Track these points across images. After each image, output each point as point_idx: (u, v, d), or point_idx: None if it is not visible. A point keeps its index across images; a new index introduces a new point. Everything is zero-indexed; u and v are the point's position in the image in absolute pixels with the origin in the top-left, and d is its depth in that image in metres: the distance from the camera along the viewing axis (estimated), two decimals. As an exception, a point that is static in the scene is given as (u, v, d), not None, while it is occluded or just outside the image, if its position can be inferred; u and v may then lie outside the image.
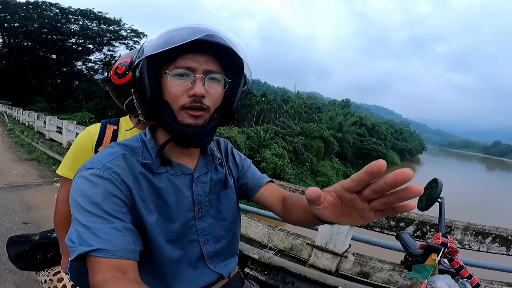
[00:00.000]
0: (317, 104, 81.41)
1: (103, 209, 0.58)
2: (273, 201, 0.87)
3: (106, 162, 0.64)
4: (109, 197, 0.60)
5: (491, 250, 1.89)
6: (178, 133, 0.68)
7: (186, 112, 0.67)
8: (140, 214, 0.66)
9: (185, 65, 0.66)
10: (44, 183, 5.31)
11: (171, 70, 0.66)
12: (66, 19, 37.85)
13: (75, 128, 7.21)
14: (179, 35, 0.63)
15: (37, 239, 1.33)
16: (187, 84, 0.66)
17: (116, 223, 0.58)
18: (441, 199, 0.87)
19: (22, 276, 2.35)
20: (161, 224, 0.69)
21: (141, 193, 0.67)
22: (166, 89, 0.67)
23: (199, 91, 0.66)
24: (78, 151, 1.17)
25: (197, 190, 0.76)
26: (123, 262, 0.56)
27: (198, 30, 0.63)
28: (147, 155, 0.71)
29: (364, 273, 2.19)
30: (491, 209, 31.12)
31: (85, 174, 0.62)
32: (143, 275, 0.63)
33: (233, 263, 0.88)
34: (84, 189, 0.60)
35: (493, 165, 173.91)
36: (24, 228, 3.29)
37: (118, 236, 0.57)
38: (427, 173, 55.84)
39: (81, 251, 0.54)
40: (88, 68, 42.87)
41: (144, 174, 0.69)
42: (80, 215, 0.58)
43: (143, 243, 0.65)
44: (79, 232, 0.56)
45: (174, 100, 0.67)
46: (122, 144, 0.71)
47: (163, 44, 0.63)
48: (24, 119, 14.77)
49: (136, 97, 0.72)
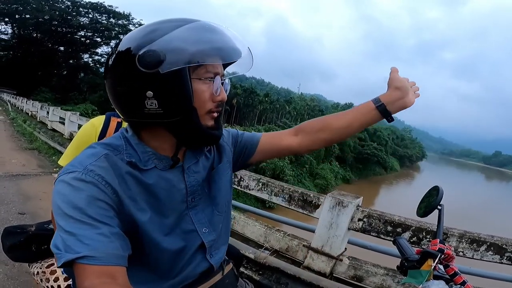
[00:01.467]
0: (320, 107, 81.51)
1: (87, 214, 0.56)
2: (282, 142, 0.90)
3: (87, 165, 0.61)
4: (94, 201, 0.58)
5: (485, 258, 1.90)
6: (207, 137, 0.70)
7: (210, 115, 0.68)
8: (130, 214, 0.64)
9: (215, 71, 0.66)
10: (43, 173, 5.32)
11: (202, 75, 0.64)
12: (76, 12, 38.07)
13: (78, 119, 7.24)
14: (229, 46, 0.65)
15: (33, 230, 1.31)
16: (215, 90, 0.66)
17: (102, 229, 0.56)
18: (441, 206, 0.87)
19: (14, 267, 2.33)
20: (156, 220, 0.68)
21: (130, 193, 0.65)
22: (196, 94, 0.64)
23: (225, 97, 0.69)
24: (81, 142, 1.17)
25: (190, 181, 0.75)
26: (112, 268, 0.55)
27: (236, 39, 0.66)
28: (132, 153, 0.68)
29: (358, 277, 2.19)
30: (485, 218, 31.11)
31: (66, 179, 0.59)
32: (138, 272, 0.63)
33: (224, 250, 0.86)
34: (66, 194, 0.58)
35: (492, 175, 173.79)
36: (20, 219, 3.28)
37: (105, 242, 0.55)
38: (425, 181, 55.82)
39: (67, 258, 0.53)
40: (95, 61, 43.10)
41: (131, 172, 0.66)
42: (63, 222, 0.56)
43: (136, 242, 0.64)
44: (64, 238, 0.55)
45: (203, 105, 0.66)
46: (103, 143, 0.68)
47: (217, 53, 0.63)
48: (28, 108, 14.82)
49: (160, 103, 0.62)
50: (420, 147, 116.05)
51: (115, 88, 0.65)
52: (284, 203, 2.52)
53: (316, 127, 0.89)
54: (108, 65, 0.65)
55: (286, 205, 2.51)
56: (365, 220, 2.15)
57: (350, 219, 2.17)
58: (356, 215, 2.18)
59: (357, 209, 2.18)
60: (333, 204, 2.20)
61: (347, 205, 2.16)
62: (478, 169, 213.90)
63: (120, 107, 0.68)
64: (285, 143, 0.90)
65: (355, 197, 2.27)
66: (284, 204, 2.53)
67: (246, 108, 59.92)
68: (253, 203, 11.98)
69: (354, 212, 2.17)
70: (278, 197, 2.56)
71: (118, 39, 0.72)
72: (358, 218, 2.17)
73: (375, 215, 2.13)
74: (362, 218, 2.16)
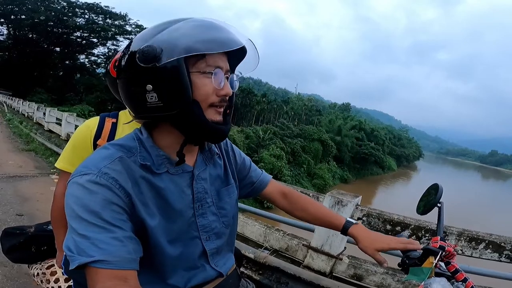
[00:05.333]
0: (317, 107, 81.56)
1: (102, 218, 0.56)
2: (276, 196, 1.02)
3: (102, 167, 0.61)
4: (108, 205, 0.58)
5: (483, 256, 1.91)
6: (211, 131, 0.68)
7: (214, 109, 0.68)
8: (141, 218, 0.64)
9: (216, 64, 0.65)
10: (40, 175, 5.29)
11: (202, 69, 0.64)
12: (72, 13, 37.80)
13: (74, 120, 7.20)
14: (226, 36, 0.64)
15: (32, 231, 1.31)
16: (217, 83, 0.66)
17: (116, 232, 0.57)
18: (440, 204, 0.88)
19: (13, 268, 2.32)
20: (163, 225, 0.68)
21: (141, 197, 0.65)
22: (197, 87, 0.64)
23: (230, 91, 0.68)
24: (77, 144, 1.17)
25: (197, 188, 0.75)
26: (124, 272, 0.55)
27: (237, 33, 0.66)
28: (146, 156, 0.68)
29: (357, 275, 2.19)
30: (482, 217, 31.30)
31: (80, 181, 0.59)
32: (142, 273, 0.63)
33: (232, 259, 0.88)
34: (81, 197, 0.57)
35: (489, 174, 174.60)
36: (18, 220, 3.26)
37: (118, 246, 0.56)
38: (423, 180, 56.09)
39: (81, 261, 0.53)
40: (91, 61, 42.87)
41: (144, 176, 0.66)
42: (77, 224, 0.56)
43: (143, 245, 0.64)
44: (77, 241, 0.55)
45: (205, 98, 0.65)
46: (117, 144, 0.68)
47: (215, 43, 0.62)
48: (24, 109, 14.73)
49: (159, 96, 0.63)
50: (417, 147, 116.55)
51: (123, 86, 0.67)
52: (283, 202, 2.52)
53: (298, 205, 1.02)
54: (120, 66, 0.67)
55: (285, 204, 2.51)
56: (365, 219, 2.16)
57: (349, 218, 2.17)
58: (355, 214, 2.18)
59: (356, 208, 2.19)
60: (333, 203, 2.21)
61: (346, 204, 2.16)
62: (475, 168, 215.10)
63: (129, 105, 0.69)
64: (274, 197, 1.02)
65: (354, 196, 2.28)
66: (283, 204, 2.53)
67: (244, 108, 59.90)
68: (252, 203, 11.99)
69: (353, 211, 2.18)
70: (277, 196, 2.56)
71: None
72: (358, 217, 2.18)
73: (374, 214, 2.14)
74: (362, 217, 2.17)
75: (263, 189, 0.99)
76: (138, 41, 0.64)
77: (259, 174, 0.99)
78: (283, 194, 1.02)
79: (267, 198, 1.02)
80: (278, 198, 1.02)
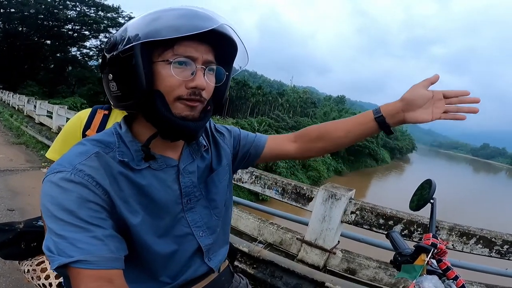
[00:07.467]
0: (312, 99, 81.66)
1: (78, 217, 0.54)
2: (282, 147, 0.91)
3: (77, 164, 0.57)
4: (84, 203, 0.55)
5: (474, 251, 1.93)
6: (175, 127, 0.62)
7: (183, 103, 0.62)
8: (122, 216, 0.61)
9: (185, 54, 0.60)
10: (31, 168, 5.22)
11: (169, 58, 0.60)
12: (63, 5, 36.93)
13: (65, 113, 7.10)
14: (192, 22, 0.58)
15: (21, 227, 1.29)
16: (186, 75, 0.61)
17: (95, 231, 0.54)
18: (433, 200, 0.87)
19: (5, 264, 2.30)
20: (149, 222, 0.66)
21: (122, 194, 0.62)
22: (161, 78, 0.60)
23: (201, 83, 0.62)
24: (67, 134, 1.18)
25: (185, 182, 0.72)
26: (108, 272, 0.53)
27: (210, 19, 0.59)
28: (125, 151, 0.64)
29: (351, 269, 2.22)
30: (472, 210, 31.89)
31: (53, 179, 0.56)
32: (131, 271, 0.61)
33: (224, 252, 0.86)
34: (55, 196, 0.55)
35: (480, 167, 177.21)
36: (9, 215, 3.23)
37: (99, 245, 0.54)
38: (416, 173, 56.78)
39: (61, 262, 0.51)
40: (83, 54, 42.11)
41: (123, 173, 0.63)
42: (54, 224, 0.53)
43: (128, 243, 0.62)
44: (56, 242, 0.53)
45: (170, 90, 0.60)
46: (94, 140, 0.64)
47: (171, 29, 0.57)
48: (14, 102, 14.47)
49: (118, 85, 0.61)
50: (410, 139, 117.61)
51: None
52: (278, 196, 2.53)
53: (314, 135, 0.88)
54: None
55: (280, 198, 2.52)
56: (358, 213, 2.17)
57: (343, 212, 2.18)
58: (349, 208, 2.20)
59: (349, 201, 2.20)
60: (326, 197, 2.21)
61: (340, 198, 2.17)
62: (467, 161, 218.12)
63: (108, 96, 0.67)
64: (284, 149, 0.91)
65: (348, 189, 2.28)
66: (277, 197, 2.53)
67: (239, 100, 59.67)
68: (246, 196, 12.02)
69: (347, 205, 2.19)
70: (271, 190, 2.56)
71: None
72: (351, 211, 2.19)
73: (368, 208, 2.15)
74: (355, 211, 2.18)
75: (261, 150, 0.90)
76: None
77: (250, 138, 0.91)
78: (292, 138, 0.91)
79: (273, 156, 0.91)
80: (286, 148, 0.90)
